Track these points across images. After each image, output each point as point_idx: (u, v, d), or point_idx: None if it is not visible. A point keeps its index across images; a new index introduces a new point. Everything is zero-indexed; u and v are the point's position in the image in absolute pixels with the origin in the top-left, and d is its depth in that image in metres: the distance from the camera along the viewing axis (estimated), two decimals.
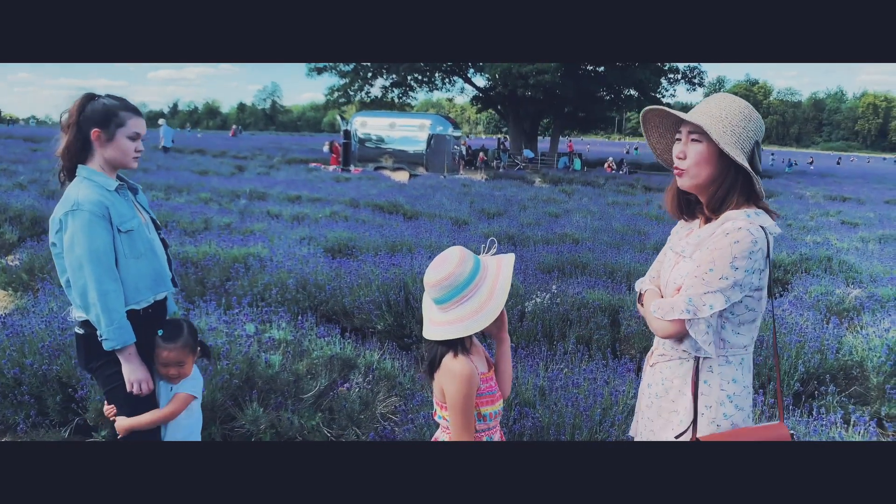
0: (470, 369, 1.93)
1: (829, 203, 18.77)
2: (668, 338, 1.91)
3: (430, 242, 7.99)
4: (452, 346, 1.94)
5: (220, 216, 9.44)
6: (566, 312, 5.19)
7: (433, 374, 1.99)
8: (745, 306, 1.86)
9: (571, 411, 3.10)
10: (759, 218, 1.85)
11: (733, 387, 1.90)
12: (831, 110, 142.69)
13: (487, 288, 1.96)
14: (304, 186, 15.37)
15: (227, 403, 3.50)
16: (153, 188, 13.49)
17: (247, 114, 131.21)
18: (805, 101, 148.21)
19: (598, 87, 35.16)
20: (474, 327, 1.91)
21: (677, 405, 1.96)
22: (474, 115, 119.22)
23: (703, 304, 1.80)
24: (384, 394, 3.84)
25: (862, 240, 10.98)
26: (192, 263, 6.06)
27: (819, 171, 41.56)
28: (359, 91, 36.98)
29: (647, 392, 2.10)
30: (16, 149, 22.83)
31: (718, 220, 1.89)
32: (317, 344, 3.99)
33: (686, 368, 1.94)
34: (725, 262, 1.78)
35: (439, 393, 2.00)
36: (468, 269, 1.95)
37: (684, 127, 1.92)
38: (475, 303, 1.93)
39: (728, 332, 1.87)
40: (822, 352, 4.51)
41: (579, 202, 15.76)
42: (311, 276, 5.71)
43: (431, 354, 1.99)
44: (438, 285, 1.94)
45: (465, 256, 1.97)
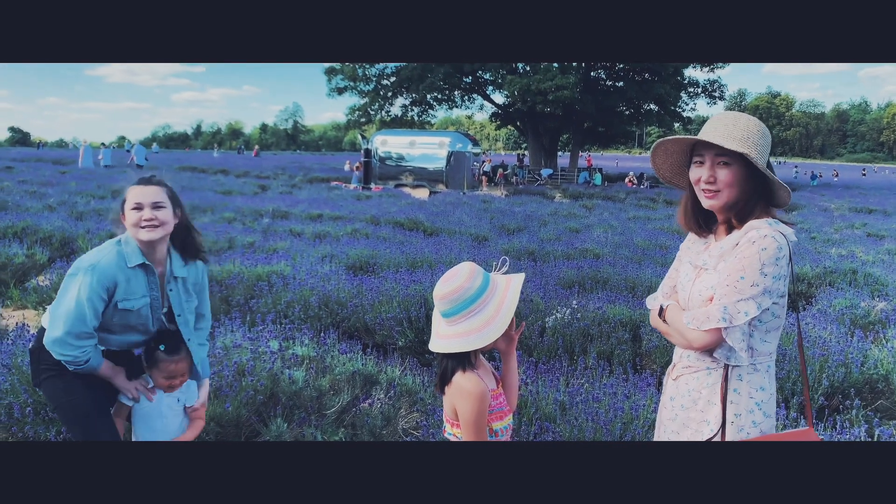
0: (482, 388, 1.95)
1: (855, 215, 18.53)
2: (703, 348, 1.93)
3: (450, 259, 8.04)
4: (460, 360, 1.97)
5: (244, 235, 9.58)
6: (587, 327, 5.19)
7: (444, 388, 2.02)
8: (772, 313, 1.89)
9: (592, 426, 3.11)
10: (780, 226, 1.90)
11: (761, 394, 1.93)
12: (855, 121, 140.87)
13: (495, 304, 1.99)
14: (325, 205, 15.53)
15: (252, 419, 3.56)
16: None
17: (269, 134, 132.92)
18: (828, 112, 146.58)
19: (618, 102, 35.12)
20: (480, 342, 1.94)
21: (707, 415, 1.98)
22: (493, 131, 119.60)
23: (738, 312, 1.83)
24: (406, 409, 3.88)
25: (888, 252, 10.83)
26: (217, 282, 6.16)
27: (844, 182, 41.05)
28: (379, 110, 37.39)
29: (671, 405, 2.12)
30: (45, 171, 23.35)
31: (742, 231, 1.93)
32: (339, 360, 4.04)
33: (714, 378, 1.96)
34: (755, 270, 1.82)
35: (451, 410, 2.02)
36: (477, 284, 1.98)
37: (707, 151, 1.95)
38: (482, 318, 1.96)
39: (756, 339, 1.91)
40: (846, 365, 4.46)
41: (600, 217, 15.74)
42: (333, 294, 5.78)
43: (441, 369, 2.02)
44: (447, 298, 1.97)
45: (475, 272, 2.01)
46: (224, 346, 3.98)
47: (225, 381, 3.61)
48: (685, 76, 36.32)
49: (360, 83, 36.95)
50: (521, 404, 3.34)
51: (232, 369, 3.67)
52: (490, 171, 30.85)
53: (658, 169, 2.19)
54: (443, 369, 2.01)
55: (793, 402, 4.15)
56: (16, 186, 17.02)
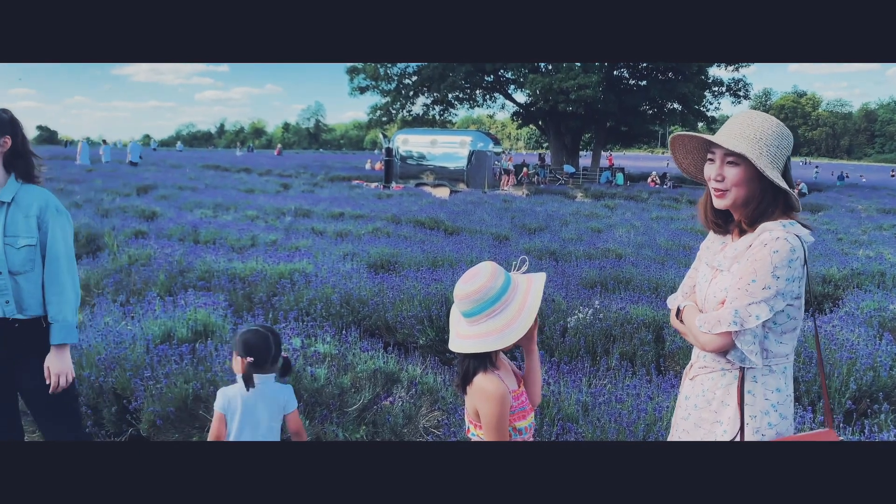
0: (503, 390, 1.94)
1: (883, 216, 18.21)
2: (715, 351, 1.92)
3: (471, 258, 8.03)
4: (481, 360, 1.96)
5: (267, 233, 9.65)
6: (609, 328, 5.15)
7: (465, 389, 2.01)
8: (787, 315, 1.87)
9: (615, 427, 3.09)
10: (794, 227, 1.87)
11: (777, 396, 1.91)
12: (884, 121, 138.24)
13: (517, 304, 1.98)
14: (347, 203, 15.61)
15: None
16: (202, 206, 13.88)
17: (291, 133, 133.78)
18: (856, 112, 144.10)
19: (641, 102, 34.84)
20: (502, 342, 1.93)
21: (720, 416, 1.97)
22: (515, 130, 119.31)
23: (749, 315, 1.81)
24: (427, 408, 3.88)
25: None
26: (240, 279, 6.21)
27: (872, 183, 40.35)
28: (401, 109, 37.48)
29: (685, 404, 2.11)
30: (72, 169, 23.73)
31: (755, 232, 1.90)
32: (360, 358, 4.05)
33: (728, 379, 1.95)
34: (767, 272, 1.80)
35: (473, 412, 2.01)
36: (499, 284, 1.97)
37: (718, 149, 1.94)
38: (504, 318, 1.95)
39: (771, 341, 1.89)
40: (874, 369, 4.38)
41: (622, 217, 15.63)
42: (354, 292, 5.80)
43: (463, 369, 2.00)
44: (469, 298, 1.96)
45: (496, 271, 1.99)
46: None
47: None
48: (709, 75, 35.92)
49: (381, 82, 37.08)
50: (544, 404, 3.33)
51: None
52: (513, 168, 30.72)
53: (680, 164, 2.18)
54: (464, 369, 1.99)
55: (819, 405, 4.09)
56: (44, 184, 17.28)
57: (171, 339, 4.22)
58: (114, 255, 7.27)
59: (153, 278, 6.31)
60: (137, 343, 4.06)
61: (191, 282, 6.20)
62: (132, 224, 10.10)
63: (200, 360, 3.91)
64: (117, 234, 9.24)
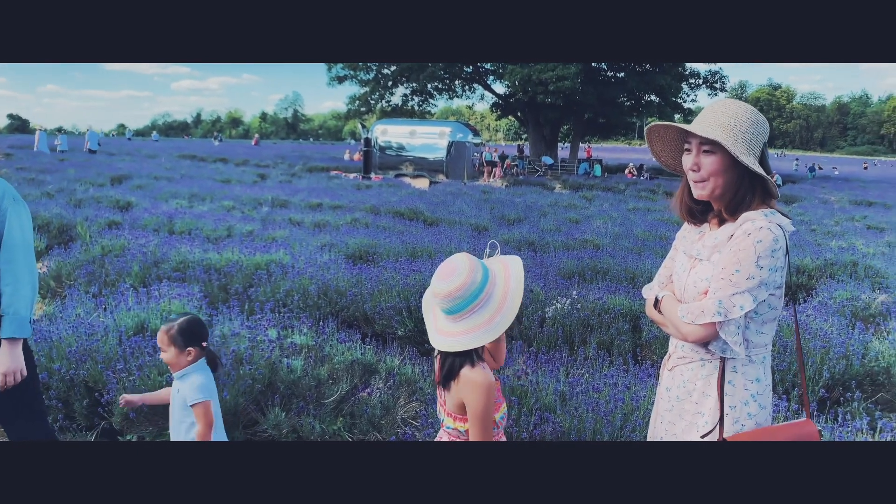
0: (491, 379, 1.93)
1: (855, 208, 18.50)
2: (697, 341, 1.91)
3: (450, 249, 8.01)
4: (468, 356, 1.93)
5: (243, 224, 9.55)
6: (587, 318, 5.17)
7: (449, 385, 1.98)
8: (768, 305, 1.87)
9: (592, 416, 3.09)
10: (776, 217, 1.87)
11: (756, 386, 1.91)
12: (856, 114, 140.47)
13: (500, 293, 1.95)
14: (325, 194, 15.49)
15: (250, 408, 3.54)
16: (177, 196, 13.69)
17: (269, 122, 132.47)
18: (829, 105, 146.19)
19: (619, 93, 34.95)
20: (490, 336, 1.90)
21: (701, 407, 1.97)
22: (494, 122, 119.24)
23: (734, 306, 1.81)
24: (405, 399, 3.86)
25: (889, 245, 10.81)
26: (216, 270, 6.13)
27: (844, 175, 40.97)
28: (379, 100, 37.23)
29: (667, 396, 2.10)
30: (43, 159, 23.28)
31: (737, 222, 1.90)
32: (338, 349, 4.02)
33: (708, 370, 1.95)
34: (751, 262, 1.80)
35: (457, 405, 1.97)
36: (479, 278, 1.94)
37: (694, 139, 1.93)
38: (489, 310, 1.92)
39: (752, 331, 1.89)
40: (847, 357, 4.45)
41: (600, 208, 15.70)
42: (332, 283, 5.75)
43: (448, 366, 1.96)
44: (451, 296, 1.92)
45: (474, 265, 1.96)
46: (222, 334, 3.96)
47: (223, 369, 3.58)
48: (686, 67, 36.13)
49: (360, 72, 36.75)
50: (521, 394, 3.32)
51: (230, 358, 3.64)
52: (498, 160, 30.66)
53: (657, 156, 2.17)
54: (449, 366, 1.96)
55: (794, 393, 4.14)
56: (14, 174, 16.95)
57: (144, 331, 4.15)
58: (86, 246, 7.14)
59: (127, 269, 6.20)
60: (110, 335, 3.98)
61: (165, 273, 6.11)
62: (106, 214, 9.92)
63: None
64: (91, 224, 9.07)
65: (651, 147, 2.15)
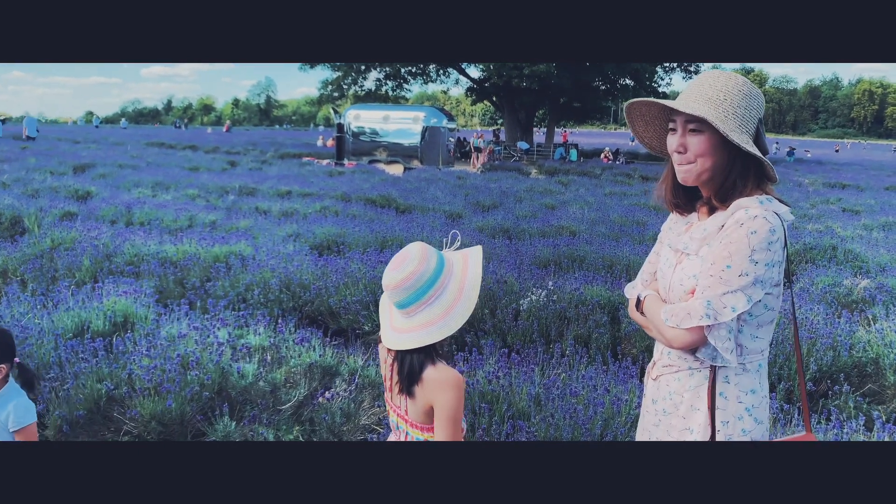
0: (459, 376, 1.74)
1: (829, 190, 18.50)
2: (683, 348, 1.65)
3: (422, 237, 7.73)
4: (427, 353, 1.73)
5: (206, 213, 9.15)
6: (563, 310, 4.93)
7: (412, 389, 1.74)
8: (764, 305, 1.62)
9: (570, 424, 2.83)
10: (773, 204, 1.61)
11: (751, 398, 1.67)
12: (827, 97, 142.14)
13: (455, 285, 1.75)
14: (295, 181, 15.07)
15: (197, 418, 3.23)
16: (141, 185, 13.20)
17: (241, 109, 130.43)
18: (801, 88, 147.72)
19: (594, 78, 34.74)
20: (446, 330, 1.70)
21: (690, 422, 1.72)
22: (469, 107, 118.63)
23: (724, 307, 1.55)
24: (369, 402, 3.58)
25: (865, 227, 10.74)
26: (172, 263, 5.78)
27: (817, 158, 41.28)
28: (352, 84, 36.60)
29: (653, 409, 1.85)
30: (3, 147, 22.48)
31: (728, 210, 1.64)
32: (295, 351, 3.72)
33: (697, 380, 1.70)
34: (744, 257, 1.54)
35: (423, 412, 1.75)
36: (432, 266, 1.73)
37: (678, 116, 1.66)
38: (444, 303, 1.73)
39: (746, 336, 1.64)
40: (834, 348, 4.25)
41: (576, 193, 15.48)
42: (295, 276, 5.44)
43: (406, 367, 1.74)
44: (400, 287, 1.71)
45: (427, 252, 1.75)
46: (168, 335, 3.64)
47: (167, 375, 3.28)
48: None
49: None
50: (493, 400, 3.06)
51: (175, 362, 3.33)
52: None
53: (640, 138, 1.89)
54: (409, 367, 1.74)
55: (780, 387, 3.93)
56: None
57: (84, 333, 3.81)
58: (35, 239, 6.72)
59: (77, 263, 5.82)
60: (45, 337, 3.64)
61: (118, 267, 5.75)
62: (61, 205, 9.45)
63: (117, 356, 3.54)
64: (44, 215, 8.61)
65: (632, 127, 1.88)
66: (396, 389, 1.80)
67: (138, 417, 3.20)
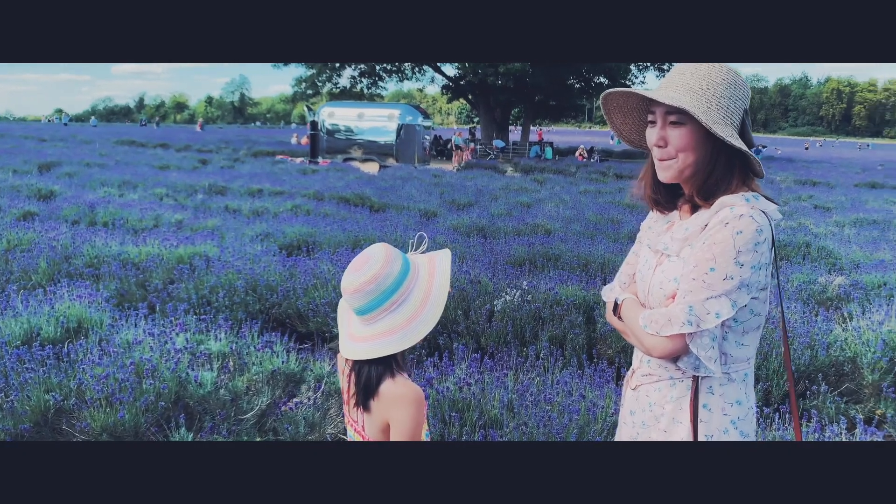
0: (419, 391, 1.61)
1: (801, 188, 18.67)
2: (663, 357, 1.52)
3: (395, 236, 7.58)
4: (387, 365, 1.59)
5: (173, 213, 8.90)
6: (538, 310, 4.81)
7: (368, 403, 1.60)
8: (751, 311, 1.50)
9: (544, 432, 2.71)
10: (759, 202, 1.49)
11: (737, 410, 1.55)
12: (796, 96, 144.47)
13: (421, 291, 1.61)
14: (267, 179, 14.81)
15: (152, 430, 3.05)
16: (107, 184, 12.85)
17: (214, 107, 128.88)
18: (771, 87, 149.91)
19: (568, 76, 34.84)
20: (410, 339, 1.57)
21: (671, 436, 1.59)
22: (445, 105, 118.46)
23: (708, 313, 1.43)
24: (336, 410, 3.42)
25: (837, 224, 10.81)
26: (134, 265, 5.56)
27: (787, 156, 41.81)
28: (327, 82, 36.24)
29: (630, 420, 1.73)
30: None
31: (712, 209, 1.51)
32: (256, 358, 3.54)
33: (679, 391, 1.58)
34: (728, 259, 1.43)
35: (379, 429, 1.62)
36: (397, 270, 1.60)
37: (658, 108, 1.53)
38: (408, 310, 1.59)
39: (730, 343, 1.52)
40: (812, 347, 4.19)
41: (551, 191, 15.42)
42: (262, 277, 5.25)
43: (363, 379, 1.60)
44: (361, 291, 1.57)
45: (391, 255, 1.61)
46: (123, 342, 3.45)
47: (121, 384, 3.09)
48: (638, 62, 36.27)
49: None
50: (463, 408, 2.92)
51: (129, 370, 3.15)
52: (440, 144, 30.23)
53: (619, 131, 1.76)
54: (366, 379, 1.60)
55: (757, 388, 3.85)
56: None
57: (32, 341, 3.60)
58: None
59: (33, 266, 5.58)
60: None
61: (77, 269, 5.51)
62: (21, 204, 9.13)
63: (68, 365, 3.34)
64: (3, 215, 8.31)
65: (610, 120, 1.75)
66: (353, 403, 1.67)
67: (88, 430, 3.01)
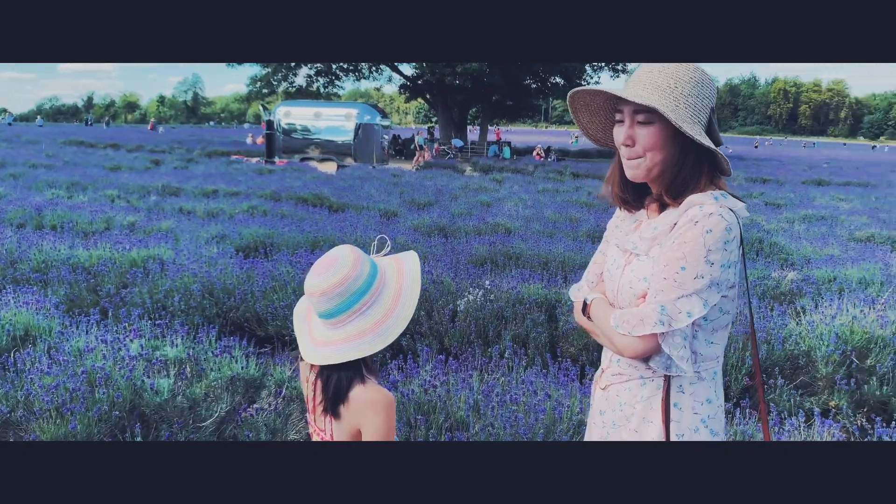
0: (390, 396, 1.57)
1: (751, 185, 19.15)
2: (635, 357, 1.52)
3: (355, 237, 7.50)
4: (356, 369, 1.55)
5: (126, 215, 8.64)
6: (501, 309, 4.81)
7: (337, 410, 1.56)
8: (720, 309, 1.51)
9: (510, 433, 2.70)
10: (728, 200, 1.50)
11: (707, 408, 1.56)
12: (745, 96, 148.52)
13: (391, 292, 1.58)
14: (222, 180, 14.53)
15: (106, 441, 2.94)
16: (55, 185, 12.43)
17: (167, 106, 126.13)
18: (721, 87, 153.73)
19: (525, 76, 35.09)
20: (381, 341, 1.53)
21: (642, 435, 1.59)
22: (403, 104, 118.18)
23: (679, 312, 1.43)
24: (298, 415, 3.35)
25: (787, 220, 11.10)
26: (84, 269, 5.38)
27: (737, 154, 42.88)
28: (282, 81, 35.77)
29: (600, 420, 1.72)
30: None
31: (681, 207, 1.51)
32: (214, 363, 3.45)
33: (649, 390, 1.57)
34: (699, 257, 1.43)
35: (350, 435, 1.58)
36: (366, 272, 1.56)
37: (626, 106, 1.52)
38: (377, 312, 1.55)
39: (700, 342, 1.53)
40: (768, 342, 4.28)
41: (510, 190, 15.49)
42: (218, 280, 5.13)
43: (332, 386, 1.56)
44: (329, 294, 1.53)
45: (359, 258, 1.57)
46: (74, 350, 3.32)
47: (72, 394, 2.97)
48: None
49: None
50: (429, 410, 2.89)
51: (81, 379, 3.03)
52: (397, 143, 30.15)
53: (585, 130, 1.74)
54: (335, 386, 1.56)
55: None
56: None
57: None
58: None
59: None
60: None
61: (23, 275, 5.30)
62: None
63: (14, 376, 3.20)
64: None
65: (576, 119, 1.73)
66: (320, 410, 1.62)
67: (38, 443, 2.88)
